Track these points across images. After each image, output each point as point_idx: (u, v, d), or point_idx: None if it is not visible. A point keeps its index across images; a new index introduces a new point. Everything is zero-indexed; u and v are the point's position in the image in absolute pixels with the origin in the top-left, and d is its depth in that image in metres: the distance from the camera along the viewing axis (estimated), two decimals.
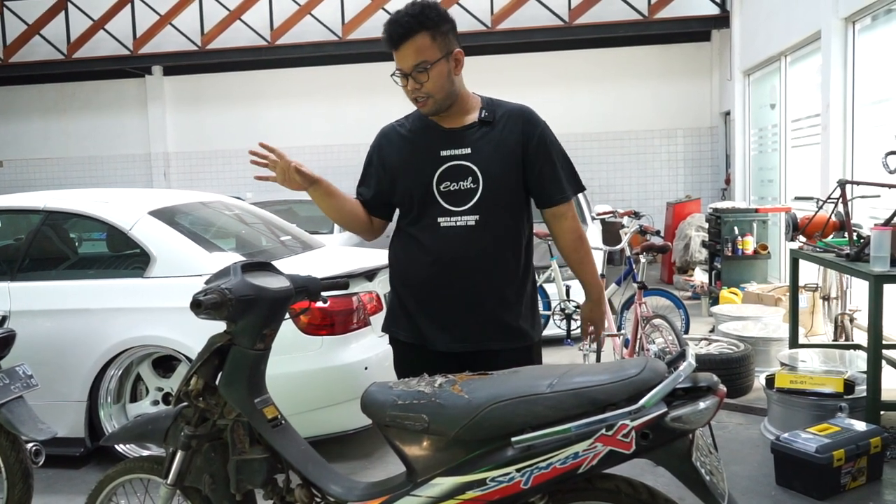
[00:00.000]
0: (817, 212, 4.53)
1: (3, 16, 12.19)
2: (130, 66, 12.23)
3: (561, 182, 2.32)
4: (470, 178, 2.25)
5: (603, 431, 1.65)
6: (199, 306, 2.01)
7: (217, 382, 2.16)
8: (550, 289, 6.17)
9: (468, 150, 2.26)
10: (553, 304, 6.08)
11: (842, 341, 5.13)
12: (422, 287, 2.31)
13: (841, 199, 4.29)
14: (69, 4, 11.96)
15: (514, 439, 1.69)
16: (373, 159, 2.42)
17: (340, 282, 2.53)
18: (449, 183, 2.26)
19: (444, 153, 2.27)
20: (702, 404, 1.65)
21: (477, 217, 2.24)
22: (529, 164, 2.28)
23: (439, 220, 2.27)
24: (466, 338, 2.29)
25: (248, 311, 2.09)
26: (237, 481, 2.12)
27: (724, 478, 1.74)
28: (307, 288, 2.30)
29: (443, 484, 1.78)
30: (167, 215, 4.10)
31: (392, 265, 2.42)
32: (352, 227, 2.44)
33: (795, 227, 4.60)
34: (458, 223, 2.25)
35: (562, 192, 2.32)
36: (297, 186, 2.25)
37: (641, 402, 1.63)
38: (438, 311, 2.30)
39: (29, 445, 2.93)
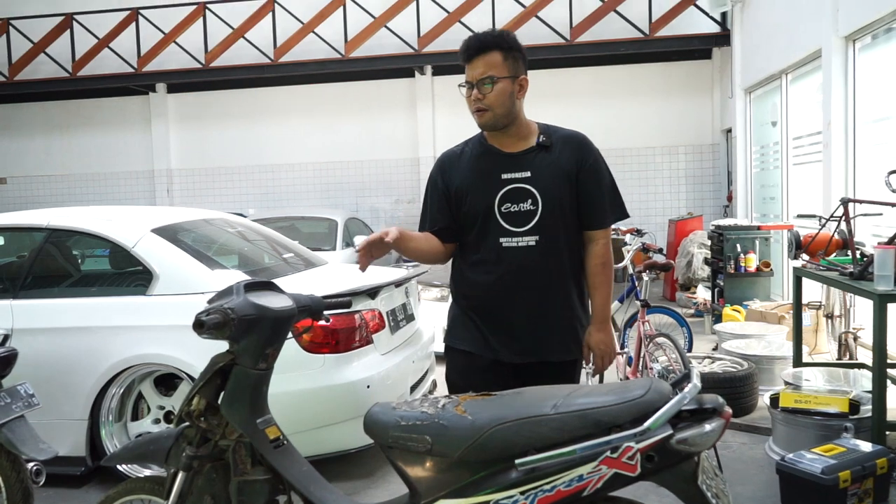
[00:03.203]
0: (820, 230, 4.53)
1: (10, 34, 12.29)
2: (134, 83, 12.33)
3: (602, 209, 2.45)
4: (530, 201, 2.37)
5: (608, 454, 1.64)
6: (202, 326, 2.00)
7: (219, 402, 2.15)
8: None
9: (528, 174, 2.38)
10: None
11: (846, 360, 5.10)
12: (486, 304, 2.43)
13: (843, 217, 4.28)
14: (74, 23, 12.07)
15: (518, 461, 1.67)
16: (437, 184, 2.49)
17: (343, 301, 2.53)
18: (510, 205, 2.38)
19: (504, 176, 2.39)
20: (707, 426, 1.64)
21: (537, 237, 2.37)
22: (580, 187, 2.42)
23: (501, 240, 2.38)
24: (528, 350, 2.41)
25: (251, 331, 2.09)
26: (239, 502, 2.11)
27: (730, 501, 1.73)
28: (310, 307, 2.30)
29: None
30: (170, 233, 4.10)
31: (456, 282, 2.54)
32: (431, 260, 2.52)
33: (798, 245, 4.59)
34: (520, 244, 2.37)
35: (600, 219, 2.45)
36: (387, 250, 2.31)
37: (646, 423, 1.62)
38: (502, 326, 2.42)
39: (30, 465, 2.91)
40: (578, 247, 2.48)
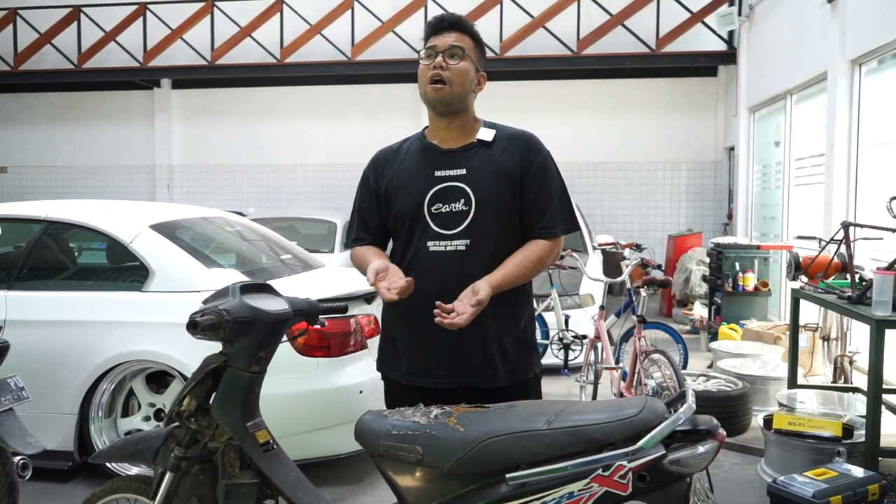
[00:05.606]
0: (820, 252, 4.52)
1: (16, 24, 12.29)
2: (139, 78, 12.31)
3: (551, 215, 2.18)
4: (462, 200, 2.13)
5: (599, 472, 1.62)
6: (196, 327, 1.99)
7: (210, 404, 2.13)
8: (549, 318, 6.15)
9: (463, 171, 2.16)
10: (551, 334, 6.06)
11: (841, 383, 5.09)
12: (408, 319, 2.16)
13: (844, 241, 4.27)
14: (82, 15, 12.08)
15: (508, 476, 1.66)
16: (369, 182, 2.29)
17: (339, 306, 2.51)
18: (441, 205, 2.15)
19: (438, 173, 2.17)
20: (701, 448, 1.63)
21: (468, 241, 2.12)
22: (525, 190, 2.18)
23: (429, 244, 2.14)
24: (454, 374, 2.14)
25: (245, 333, 2.07)
26: None
27: None
28: (305, 311, 2.28)
29: None
30: (168, 229, 4.08)
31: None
32: None
33: (798, 267, 4.58)
34: (448, 248, 2.13)
35: (548, 227, 2.17)
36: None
37: (640, 443, 1.61)
38: (425, 346, 2.15)
39: (16, 459, 2.88)
40: None
